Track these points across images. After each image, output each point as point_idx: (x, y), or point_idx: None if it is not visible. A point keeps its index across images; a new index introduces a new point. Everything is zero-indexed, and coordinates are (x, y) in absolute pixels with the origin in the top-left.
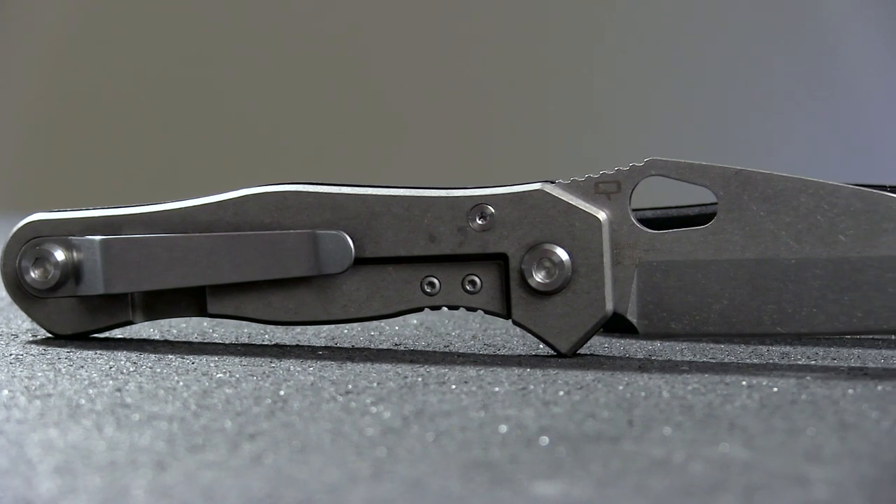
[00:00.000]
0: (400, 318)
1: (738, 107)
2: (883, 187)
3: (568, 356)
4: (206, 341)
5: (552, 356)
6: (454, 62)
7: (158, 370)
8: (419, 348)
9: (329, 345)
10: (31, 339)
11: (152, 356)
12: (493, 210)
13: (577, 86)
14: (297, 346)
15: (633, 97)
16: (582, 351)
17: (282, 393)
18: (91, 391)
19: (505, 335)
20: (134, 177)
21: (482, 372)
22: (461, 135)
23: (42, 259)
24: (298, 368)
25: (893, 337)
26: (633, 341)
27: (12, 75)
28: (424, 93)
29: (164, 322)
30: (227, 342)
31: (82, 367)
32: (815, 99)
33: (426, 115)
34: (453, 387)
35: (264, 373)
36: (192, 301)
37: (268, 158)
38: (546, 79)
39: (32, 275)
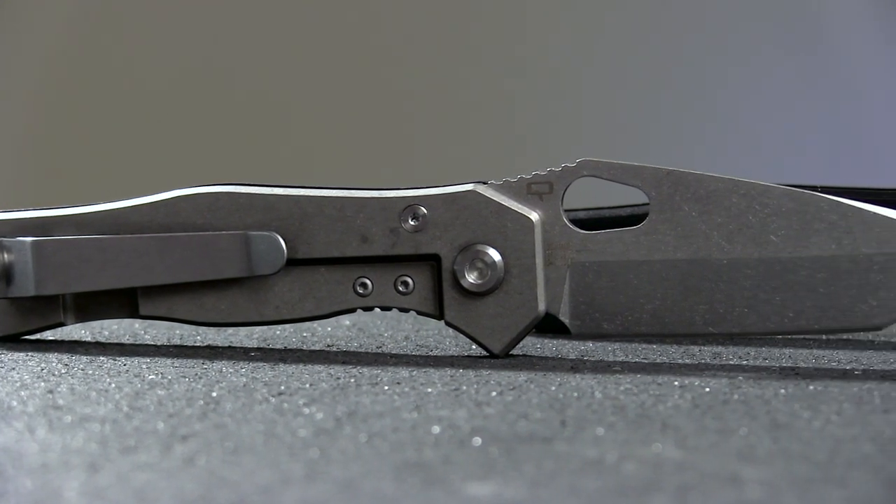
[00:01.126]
0: (332, 319)
1: (674, 106)
2: (814, 188)
3: (500, 357)
4: (138, 343)
5: (485, 357)
6: (387, 62)
7: (90, 372)
8: (352, 349)
9: (261, 346)
10: None
11: (84, 358)
12: (425, 211)
13: (510, 86)
14: (230, 347)
15: (567, 97)
16: (514, 351)
17: (214, 394)
18: (23, 393)
19: (437, 336)
20: (73, 179)
21: (415, 373)
22: (394, 135)
23: None
24: (231, 370)
25: (824, 337)
26: (566, 342)
27: None
28: (358, 93)
29: (96, 324)
30: (159, 344)
31: (14, 369)
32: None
33: (360, 115)
34: (386, 388)
35: (196, 374)
36: (124, 302)
37: (201, 159)
38: (478, 80)
39: None
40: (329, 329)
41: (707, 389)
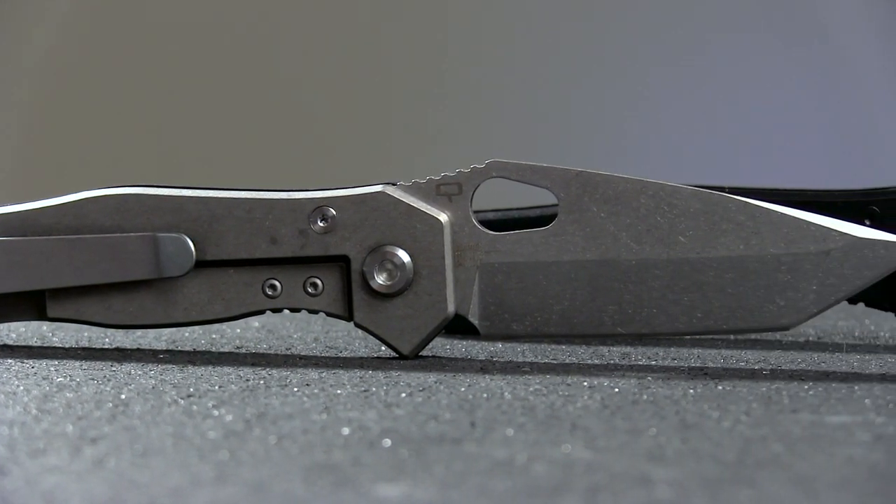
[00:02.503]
0: (241, 321)
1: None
2: (721, 188)
3: (410, 358)
4: (45, 345)
5: (394, 358)
6: (296, 64)
7: None
8: (261, 351)
9: (170, 348)
10: None
11: None
12: (334, 212)
13: (419, 87)
14: (138, 349)
15: (476, 98)
16: (424, 353)
17: (123, 397)
18: None
19: (347, 337)
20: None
21: (324, 374)
22: (303, 137)
23: None
24: (139, 372)
25: (733, 337)
26: (475, 343)
27: None
28: (267, 94)
29: (3, 326)
30: (67, 346)
31: None
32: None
33: (269, 117)
34: (295, 389)
35: (105, 377)
36: (32, 305)
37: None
38: (387, 81)
39: None
40: (238, 331)
41: (616, 390)
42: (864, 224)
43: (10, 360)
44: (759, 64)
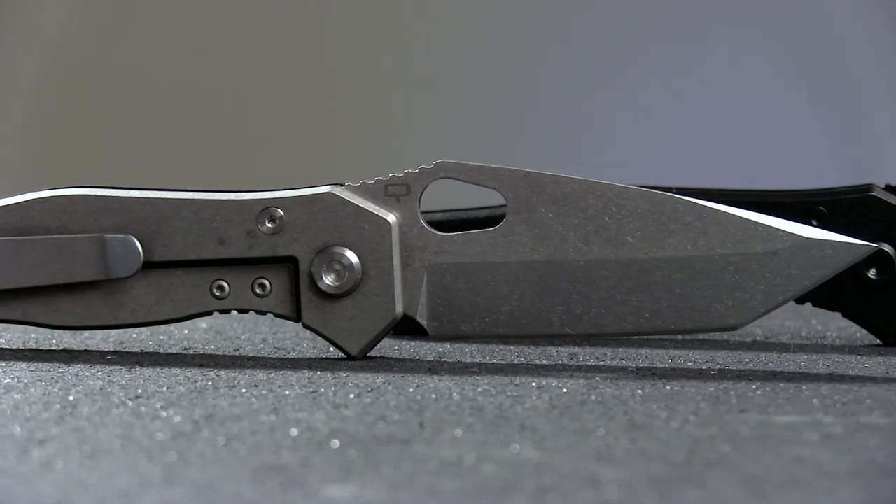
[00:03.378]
0: (189, 322)
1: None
2: (669, 189)
3: (358, 359)
4: None
5: (342, 359)
6: (244, 64)
7: None
8: (209, 352)
9: (118, 349)
10: None
11: None
12: (282, 213)
13: (367, 88)
14: (86, 350)
15: (424, 99)
16: (372, 353)
17: (71, 398)
18: None
19: (295, 338)
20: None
21: (272, 375)
22: (250, 137)
23: None
24: (87, 373)
25: (681, 337)
26: (423, 343)
27: None
28: (215, 94)
29: None
30: (14, 347)
31: None
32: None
33: (216, 117)
34: (243, 390)
35: (53, 378)
36: None
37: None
38: (335, 82)
39: None
40: (186, 332)
41: (564, 390)
42: (811, 224)
43: None
44: (711, 63)
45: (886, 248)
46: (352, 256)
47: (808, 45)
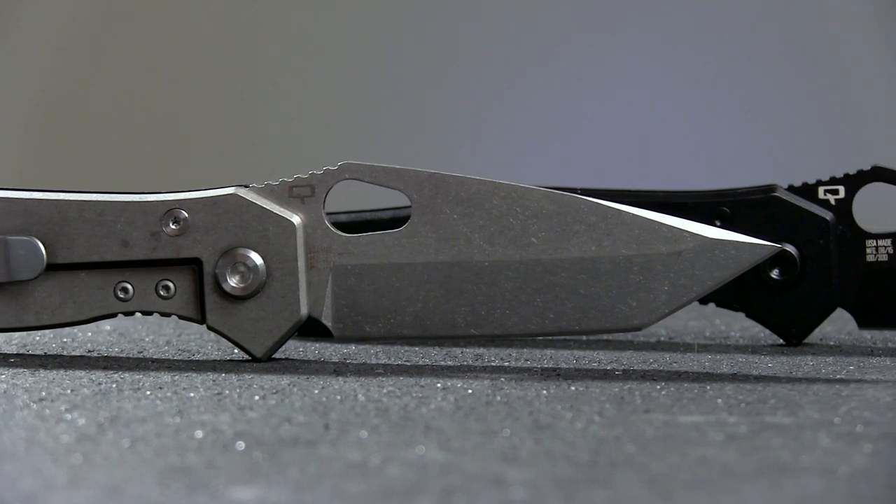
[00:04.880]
0: (93, 325)
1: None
2: (573, 190)
3: (263, 361)
4: None
5: (247, 361)
6: (150, 66)
7: None
8: (113, 354)
9: (21, 352)
10: None
11: None
12: (186, 215)
13: (272, 89)
14: None
15: (329, 100)
16: (277, 355)
17: None
18: None
19: (199, 340)
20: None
21: (177, 377)
22: (154, 139)
23: None
24: None
25: (585, 338)
26: (328, 345)
27: None
28: (119, 95)
29: None
30: None
31: None
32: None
33: (121, 119)
34: (148, 393)
35: None
36: None
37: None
38: (240, 82)
39: None
40: (90, 334)
41: (470, 391)
42: (714, 225)
43: None
44: (614, 63)
45: (789, 248)
46: (256, 258)
47: (713, 44)
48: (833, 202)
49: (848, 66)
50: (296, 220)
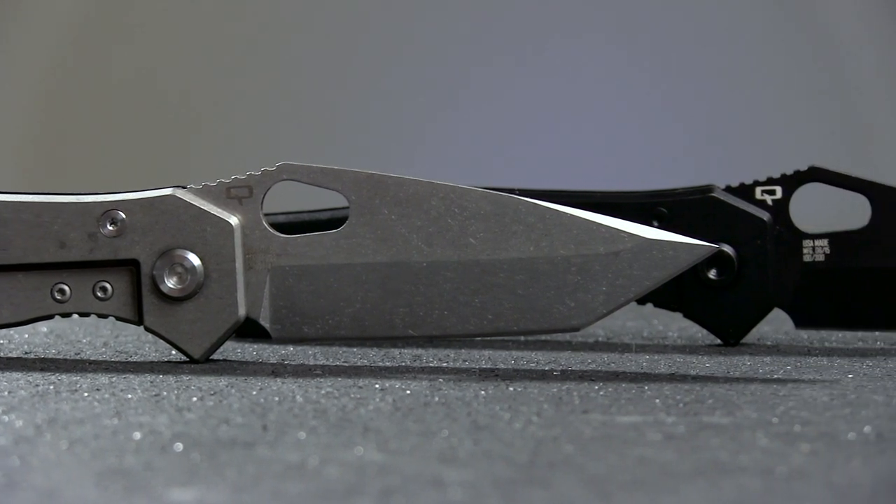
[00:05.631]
0: (30, 326)
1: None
2: (511, 190)
3: (201, 362)
4: None
5: (185, 362)
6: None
7: None
8: (50, 356)
9: None
10: None
11: None
12: (123, 216)
13: (212, 90)
14: None
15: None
16: (215, 356)
17: None
18: None
19: (137, 342)
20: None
21: (114, 379)
22: (91, 140)
23: None
24: None
25: (523, 338)
26: (266, 346)
27: None
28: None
29: None
30: None
31: None
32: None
33: (57, 118)
34: (86, 394)
35: None
36: None
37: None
38: (179, 83)
39: None
40: (26, 336)
41: (408, 392)
42: (652, 225)
43: None
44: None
45: (726, 248)
46: (194, 259)
47: (652, 46)
48: (770, 202)
49: (784, 69)
50: (233, 221)
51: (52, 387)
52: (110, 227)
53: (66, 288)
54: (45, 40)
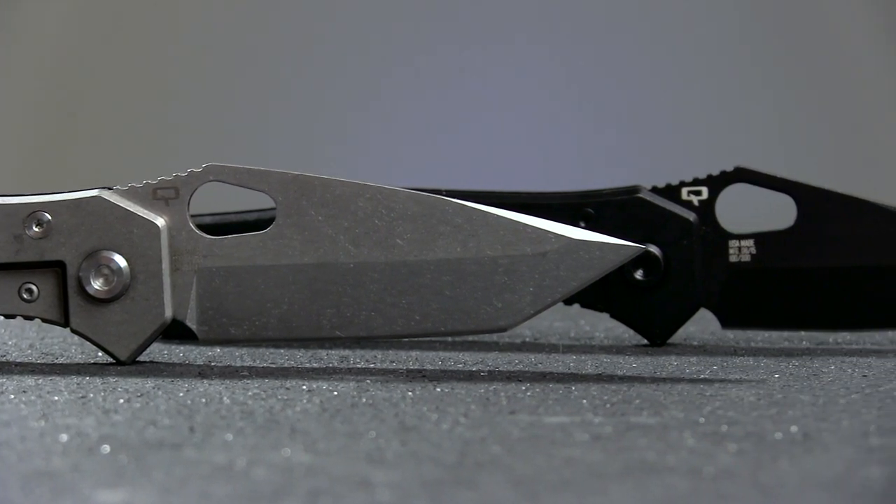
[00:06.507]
0: None
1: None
2: (438, 191)
3: (127, 364)
4: None
5: (111, 364)
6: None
7: None
8: None
9: None
10: None
11: None
12: (49, 217)
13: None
14: None
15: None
16: (142, 358)
17: None
18: None
19: (63, 344)
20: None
21: (41, 381)
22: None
23: None
24: None
25: (451, 339)
26: (193, 348)
27: None
28: None
29: None
30: None
31: None
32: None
33: None
34: (12, 396)
35: None
36: None
37: None
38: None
39: None
40: None
41: (335, 393)
42: (579, 226)
43: None
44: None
45: (653, 249)
46: (120, 261)
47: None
48: (696, 203)
49: (709, 69)
50: (160, 222)
51: None
52: (36, 229)
53: None
54: None
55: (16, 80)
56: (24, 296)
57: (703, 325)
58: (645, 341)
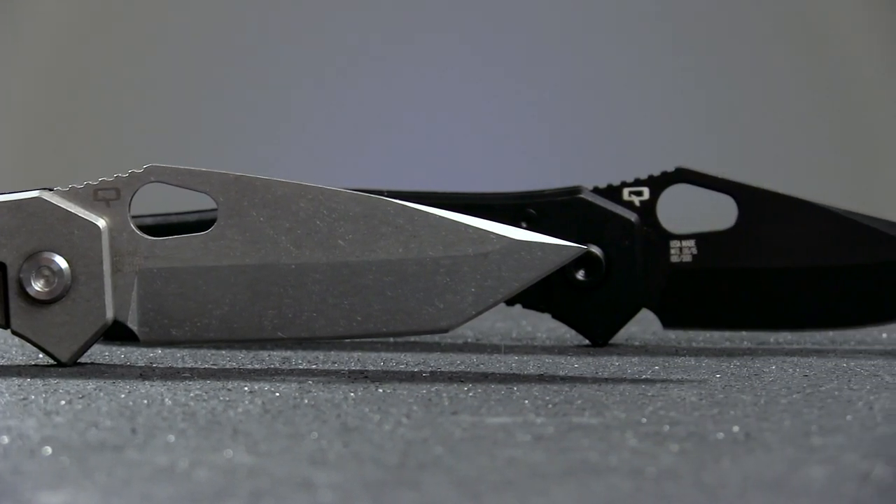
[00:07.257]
0: None
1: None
2: (380, 192)
3: (68, 365)
4: None
5: (53, 366)
6: None
7: None
8: None
9: None
10: None
11: None
12: None
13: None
14: None
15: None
16: (83, 360)
17: None
18: None
19: (3, 345)
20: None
21: None
22: None
23: None
24: None
25: (393, 340)
26: (135, 349)
27: None
28: None
29: None
30: None
31: None
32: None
33: None
34: None
35: None
36: None
37: None
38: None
39: None
40: None
41: (277, 394)
42: (520, 226)
43: None
44: (427, 62)
45: (594, 249)
46: (61, 262)
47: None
48: (638, 203)
49: (650, 69)
50: (101, 223)
51: None
52: None
53: None
54: None
55: None
56: None
57: (644, 325)
58: (587, 342)
